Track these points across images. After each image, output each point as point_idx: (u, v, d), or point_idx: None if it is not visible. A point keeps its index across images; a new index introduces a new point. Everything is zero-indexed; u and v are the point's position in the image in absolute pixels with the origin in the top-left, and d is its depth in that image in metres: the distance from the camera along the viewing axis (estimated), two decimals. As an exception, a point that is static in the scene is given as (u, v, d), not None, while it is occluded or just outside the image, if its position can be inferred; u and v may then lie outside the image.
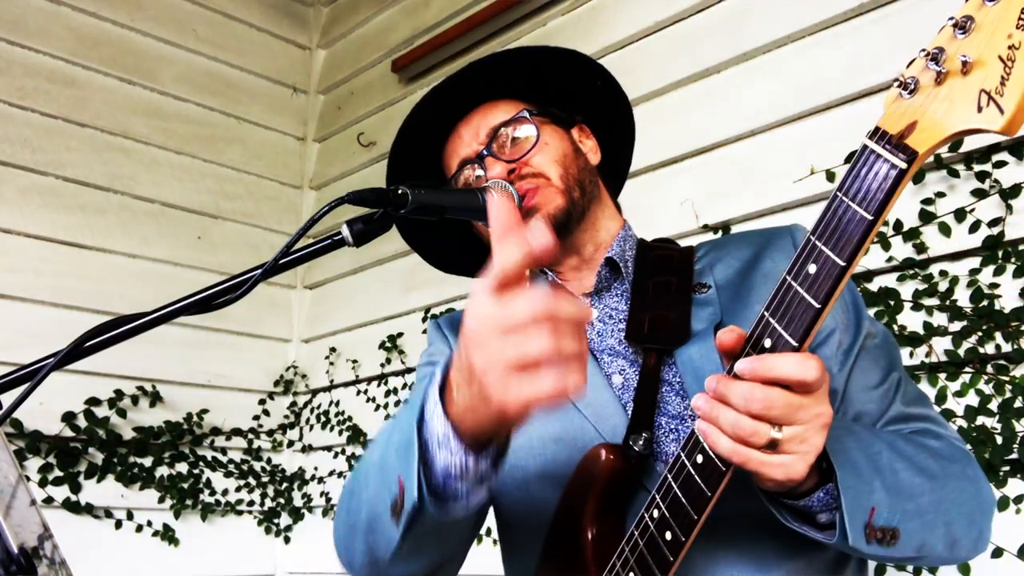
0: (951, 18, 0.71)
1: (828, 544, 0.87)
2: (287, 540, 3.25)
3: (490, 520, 1.21)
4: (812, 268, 0.78)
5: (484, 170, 1.17)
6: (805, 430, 0.79)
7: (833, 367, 1.04)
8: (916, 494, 0.90)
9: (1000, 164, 1.72)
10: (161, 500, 2.93)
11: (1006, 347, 1.65)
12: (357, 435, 3.08)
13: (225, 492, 3.11)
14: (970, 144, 1.75)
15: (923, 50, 0.73)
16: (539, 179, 1.15)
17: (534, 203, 1.13)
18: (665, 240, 1.28)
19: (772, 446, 0.78)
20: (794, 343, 0.78)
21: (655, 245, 1.23)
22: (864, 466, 0.86)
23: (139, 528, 2.85)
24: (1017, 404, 1.62)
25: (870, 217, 0.74)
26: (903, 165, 0.73)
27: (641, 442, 1.01)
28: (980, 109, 0.68)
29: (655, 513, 0.91)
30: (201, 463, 3.05)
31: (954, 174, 1.77)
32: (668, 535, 0.90)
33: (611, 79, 1.28)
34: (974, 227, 1.73)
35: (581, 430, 1.08)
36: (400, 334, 3.01)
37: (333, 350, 3.30)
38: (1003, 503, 1.61)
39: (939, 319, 1.76)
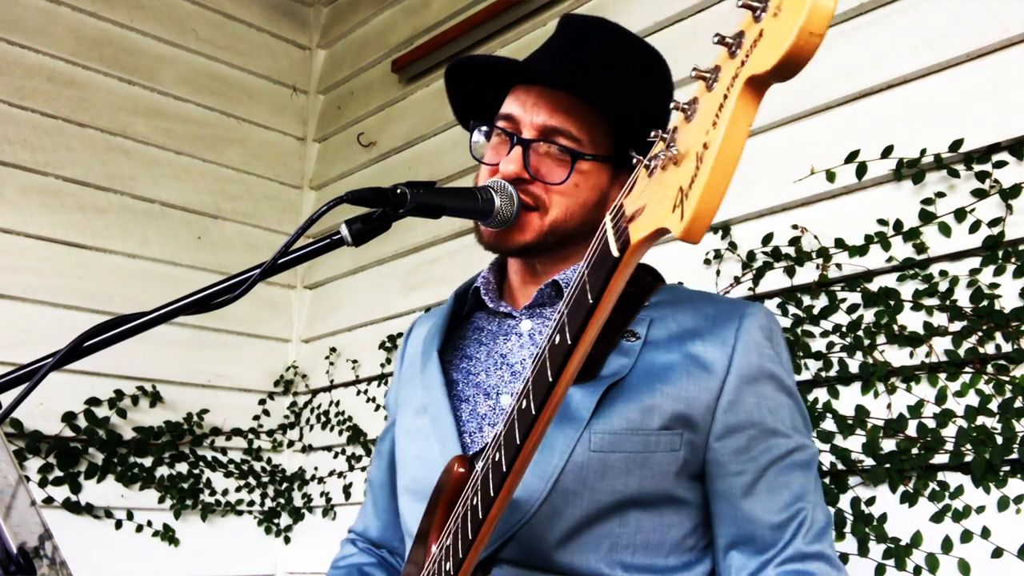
0: (674, 102, 0.64)
1: None
2: (287, 540, 3.25)
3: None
4: (557, 339, 0.74)
5: (508, 150, 1.12)
6: None
7: (730, 465, 1.05)
8: None
9: (1000, 164, 1.72)
10: (161, 500, 2.93)
11: (1006, 347, 1.65)
12: (357, 435, 3.08)
13: (225, 492, 3.11)
14: (970, 144, 1.76)
15: (660, 130, 0.66)
16: (539, 204, 1.11)
17: (519, 223, 1.11)
18: (642, 270, 1.23)
19: None
20: (533, 412, 0.77)
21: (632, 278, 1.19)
22: None
23: (139, 528, 2.85)
24: (1017, 404, 1.62)
25: (590, 301, 0.69)
26: (616, 254, 0.67)
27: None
28: (675, 208, 0.60)
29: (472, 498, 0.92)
30: (201, 463, 3.05)
31: (954, 174, 1.77)
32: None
33: None
34: (974, 227, 1.73)
35: (431, 450, 1.12)
36: (400, 334, 3.01)
37: (333, 350, 3.31)
38: (1003, 503, 1.61)
39: (939, 319, 1.75)
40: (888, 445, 1.77)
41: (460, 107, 1.28)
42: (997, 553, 1.60)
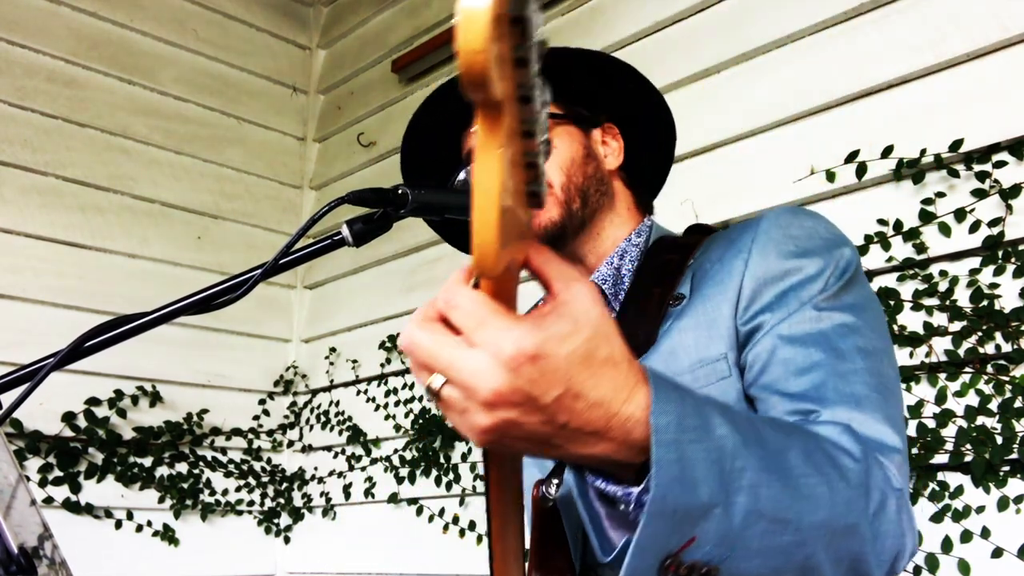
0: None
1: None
2: (287, 540, 3.25)
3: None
4: None
5: None
6: (463, 398, 0.59)
7: (755, 364, 0.91)
8: (773, 529, 0.69)
9: (1000, 164, 1.72)
10: (161, 500, 2.93)
11: (1006, 347, 1.65)
12: (357, 435, 3.08)
13: (225, 492, 3.11)
14: (970, 144, 1.76)
15: None
16: None
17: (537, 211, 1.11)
18: (698, 228, 1.18)
19: (438, 397, 0.61)
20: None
21: (670, 244, 1.12)
22: (705, 483, 0.65)
23: (139, 528, 2.85)
24: (1017, 404, 1.62)
25: None
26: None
27: (553, 484, 0.93)
28: None
29: None
30: (201, 463, 3.05)
31: (954, 174, 1.77)
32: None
33: (644, 81, 1.22)
34: (974, 227, 1.73)
35: (533, 477, 1.05)
36: (400, 334, 3.01)
37: (333, 350, 3.30)
38: (1003, 503, 1.61)
39: (939, 319, 1.76)
40: (888, 445, 1.77)
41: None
42: (997, 553, 1.60)
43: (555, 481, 0.93)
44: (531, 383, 0.58)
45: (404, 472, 2.85)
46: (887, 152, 1.85)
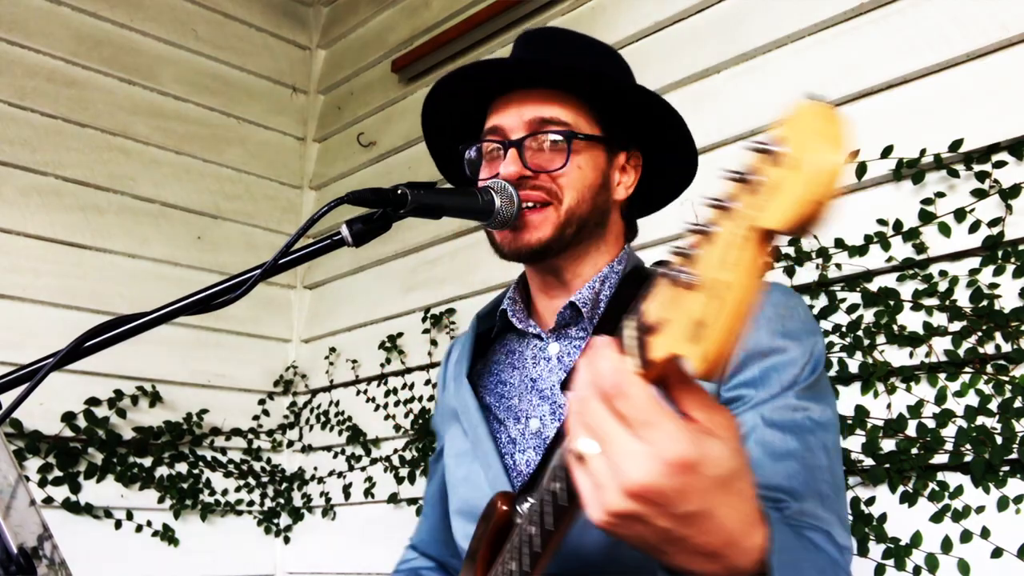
0: (693, 223, 0.58)
1: None
2: (287, 540, 3.25)
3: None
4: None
5: (503, 156, 1.13)
6: (608, 476, 0.61)
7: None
8: None
9: (1000, 164, 1.72)
10: (161, 500, 2.93)
11: (1006, 347, 1.65)
12: (357, 435, 3.08)
13: (225, 492, 3.10)
14: (970, 144, 1.76)
15: (676, 246, 0.60)
16: (551, 197, 1.12)
17: (527, 221, 1.11)
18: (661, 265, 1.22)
19: (582, 460, 0.64)
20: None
21: (644, 278, 1.14)
22: None
23: (139, 528, 2.85)
24: (1017, 404, 1.62)
25: None
26: (638, 369, 0.61)
27: (526, 504, 0.93)
28: (692, 340, 0.56)
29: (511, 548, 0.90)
30: (201, 463, 3.05)
31: (954, 174, 1.77)
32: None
33: (687, 134, 1.22)
34: (974, 227, 1.73)
35: (476, 473, 1.13)
36: (400, 334, 3.01)
37: (333, 350, 3.30)
38: (1003, 503, 1.61)
39: (939, 319, 1.75)
40: (888, 445, 1.77)
41: (440, 149, 1.31)
42: (997, 553, 1.60)
43: (530, 500, 0.94)
44: (675, 491, 0.60)
45: (404, 472, 2.85)
46: (887, 152, 1.85)
